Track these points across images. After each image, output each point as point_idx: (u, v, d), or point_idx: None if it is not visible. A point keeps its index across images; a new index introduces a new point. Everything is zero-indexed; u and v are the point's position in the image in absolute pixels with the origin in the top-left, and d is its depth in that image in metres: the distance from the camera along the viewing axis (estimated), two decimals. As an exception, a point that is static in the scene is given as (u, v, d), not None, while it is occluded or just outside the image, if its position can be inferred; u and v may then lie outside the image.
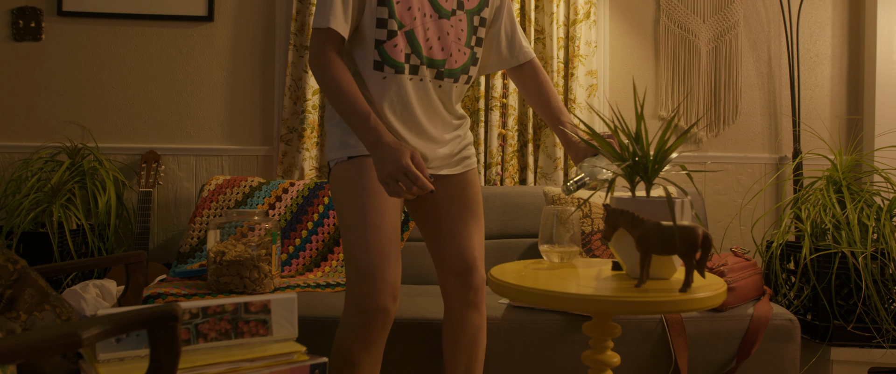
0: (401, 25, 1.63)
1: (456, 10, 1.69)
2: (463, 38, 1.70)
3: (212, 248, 2.25)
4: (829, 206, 2.46)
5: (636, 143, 1.46)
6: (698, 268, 1.36)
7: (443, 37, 1.68)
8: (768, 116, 3.13)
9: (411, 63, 1.65)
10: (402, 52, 1.63)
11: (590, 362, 1.51)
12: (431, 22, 1.66)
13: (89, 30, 2.90)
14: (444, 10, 1.68)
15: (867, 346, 2.34)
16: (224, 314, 1.25)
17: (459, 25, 1.70)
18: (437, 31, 1.67)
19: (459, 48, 1.70)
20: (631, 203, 1.43)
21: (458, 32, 1.70)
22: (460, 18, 1.70)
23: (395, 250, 1.63)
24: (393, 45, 1.63)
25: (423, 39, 1.66)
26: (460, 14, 1.70)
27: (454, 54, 1.69)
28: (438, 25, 1.67)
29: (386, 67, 1.63)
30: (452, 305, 1.77)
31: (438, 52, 1.67)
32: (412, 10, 1.64)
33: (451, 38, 1.69)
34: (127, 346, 1.17)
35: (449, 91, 1.72)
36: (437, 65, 1.67)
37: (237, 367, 1.20)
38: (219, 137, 2.96)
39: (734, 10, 3.08)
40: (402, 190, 1.50)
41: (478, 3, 1.73)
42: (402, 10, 1.63)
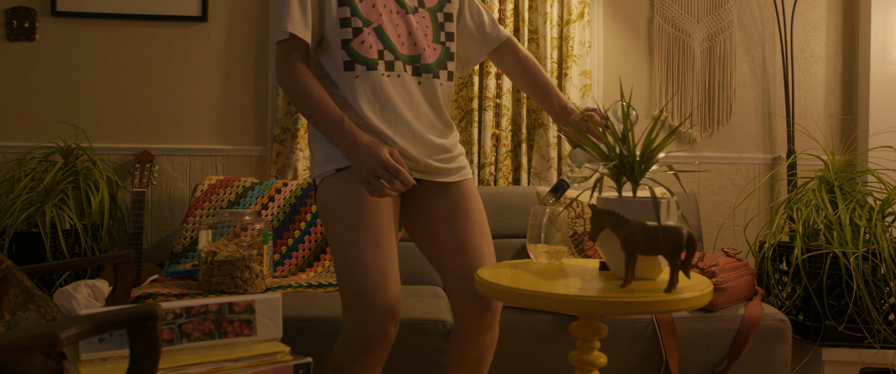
0: (367, 22, 1.60)
1: (418, 7, 1.68)
2: (430, 35, 1.68)
3: (203, 248, 2.25)
4: (821, 206, 2.46)
5: (622, 142, 1.46)
6: (683, 268, 1.36)
7: (413, 32, 1.66)
8: (762, 117, 3.13)
9: (385, 59, 1.62)
10: (373, 48, 1.60)
11: (576, 362, 1.51)
12: (399, 18, 1.65)
13: (83, 30, 2.90)
14: (407, 6, 1.67)
15: (858, 346, 2.34)
16: (208, 314, 1.25)
17: (424, 22, 1.69)
18: (406, 26, 1.65)
19: (429, 43, 1.68)
20: (616, 203, 1.43)
21: (424, 28, 1.68)
22: (423, 15, 1.69)
23: (394, 268, 1.55)
24: (361, 42, 1.60)
25: (395, 35, 1.63)
26: (422, 11, 1.69)
27: (426, 50, 1.67)
28: (406, 21, 1.65)
29: (357, 66, 1.60)
30: (464, 324, 1.68)
31: (411, 47, 1.65)
32: (377, 6, 1.62)
33: (420, 33, 1.67)
34: (109, 346, 1.17)
35: (432, 90, 1.67)
36: (413, 61, 1.65)
37: (220, 367, 1.20)
38: (213, 138, 2.96)
39: (728, 10, 3.08)
40: (384, 187, 1.45)
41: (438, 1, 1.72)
42: (366, 8, 1.61)
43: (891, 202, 2.39)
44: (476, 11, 1.79)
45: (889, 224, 2.40)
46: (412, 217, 1.75)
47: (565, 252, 1.64)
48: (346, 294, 1.53)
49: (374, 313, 1.49)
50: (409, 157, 1.63)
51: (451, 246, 1.68)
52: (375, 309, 1.49)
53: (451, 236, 1.68)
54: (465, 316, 1.67)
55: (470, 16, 1.77)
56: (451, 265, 1.68)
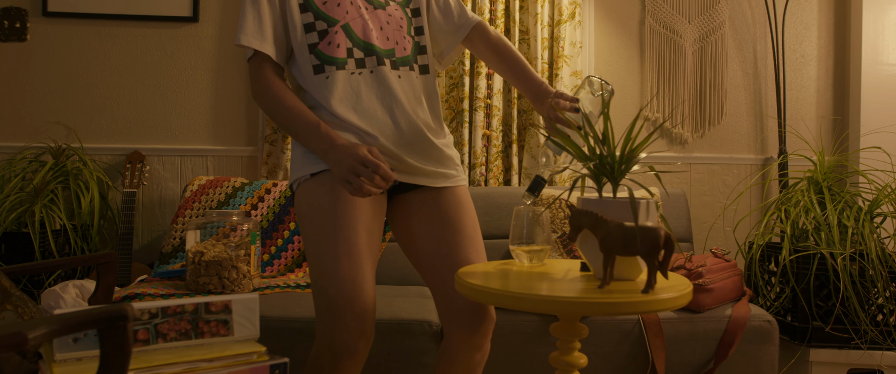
0: (332, 21, 1.57)
1: (389, 1, 1.66)
2: (404, 26, 1.65)
3: (191, 248, 2.26)
4: (809, 207, 2.46)
5: (603, 143, 1.46)
6: (661, 269, 1.36)
7: (384, 27, 1.62)
8: (754, 117, 3.12)
9: (355, 57, 1.58)
10: (342, 47, 1.57)
11: (557, 363, 1.51)
12: (368, 13, 1.61)
13: (74, 30, 2.91)
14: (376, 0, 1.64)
15: (846, 347, 2.33)
16: (184, 314, 1.25)
17: (397, 14, 1.66)
18: (376, 20, 1.61)
19: (404, 35, 1.65)
20: (595, 204, 1.43)
21: (397, 21, 1.65)
22: (395, 9, 1.66)
23: (368, 279, 1.49)
24: (328, 43, 1.57)
25: (362, 31, 1.59)
26: (394, 5, 1.66)
27: (400, 42, 1.64)
28: (375, 15, 1.62)
29: (326, 67, 1.57)
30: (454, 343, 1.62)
31: (383, 41, 1.62)
32: (343, 4, 1.59)
33: (392, 27, 1.63)
34: (83, 346, 1.18)
35: (413, 84, 1.63)
36: (387, 54, 1.61)
37: (195, 367, 1.20)
38: (203, 138, 2.96)
39: (720, 10, 3.08)
40: (364, 183, 1.41)
41: None
42: (331, 7, 1.58)
43: (879, 203, 2.39)
44: (442, 2, 1.75)
45: (877, 225, 2.40)
46: (400, 225, 1.69)
47: (547, 252, 1.64)
48: (318, 306, 1.50)
49: (343, 327, 1.44)
50: (392, 155, 1.58)
51: (441, 261, 1.62)
52: (345, 323, 1.44)
53: (441, 250, 1.62)
54: (455, 336, 1.62)
55: (437, 8, 1.74)
56: (441, 281, 1.62)
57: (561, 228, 2.51)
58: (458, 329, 1.60)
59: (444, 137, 1.71)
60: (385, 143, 1.57)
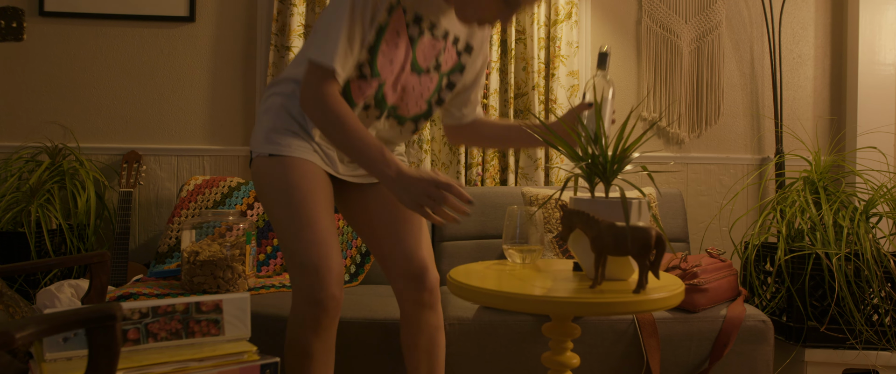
0: (376, 74, 1.60)
1: (431, 69, 1.69)
2: (426, 95, 1.71)
3: (186, 248, 2.26)
4: (805, 207, 2.46)
5: (595, 143, 1.46)
6: (652, 269, 1.36)
7: (408, 90, 1.68)
8: (751, 117, 3.12)
9: (366, 105, 1.65)
10: (363, 96, 1.62)
11: (549, 363, 1.51)
12: (405, 76, 1.66)
13: (71, 30, 2.91)
14: (420, 67, 1.68)
15: (841, 347, 2.33)
16: (175, 313, 1.25)
17: (428, 84, 1.70)
18: (405, 83, 1.66)
19: (418, 102, 1.71)
20: (586, 204, 1.43)
21: (423, 89, 1.70)
22: (432, 78, 1.71)
23: (335, 242, 1.58)
24: (358, 88, 1.61)
25: (390, 92, 1.65)
26: (434, 74, 1.70)
27: (410, 105, 1.70)
28: (411, 79, 1.67)
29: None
30: (407, 308, 1.73)
31: (398, 100, 1.68)
32: (394, 63, 1.62)
33: (415, 93, 1.69)
34: (74, 345, 1.18)
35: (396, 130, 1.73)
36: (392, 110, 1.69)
37: (185, 367, 1.20)
38: (200, 138, 2.96)
39: (716, 10, 3.07)
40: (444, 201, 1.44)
41: (452, 66, 1.73)
42: (384, 63, 1.60)
43: (874, 203, 2.39)
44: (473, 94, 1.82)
45: (873, 225, 2.40)
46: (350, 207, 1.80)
47: (541, 252, 1.65)
48: (292, 268, 1.55)
49: (320, 278, 1.50)
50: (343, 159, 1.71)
51: (386, 236, 1.72)
52: (320, 274, 1.51)
53: (386, 228, 1.72)
54: (405, 299, 1.71)
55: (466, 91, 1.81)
56: (387, 253, 1.72)
57: (555, 228, 2.51)
58: (407, 290, 1.69)
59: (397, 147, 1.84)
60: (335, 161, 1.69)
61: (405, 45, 1.62)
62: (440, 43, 1.68)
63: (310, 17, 2.86)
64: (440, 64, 1.69)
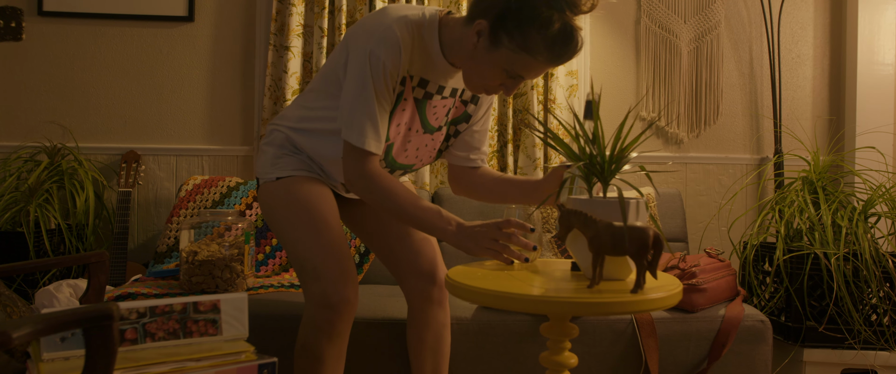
0: (386, 138, 1.63)
1: (441, 126, 1.74)
2: (434, 151, 1.77)
3: (184, 248, 2.25)
4: (803, 207, 2.46)
5: (593, 143, 1.46)
6: (650, 269, 1.36)
7: (420, 148, 1.73)
8: (750, 117, 3.12)
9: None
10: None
11: (547, 363, 1.51)
12: (414, 135, 1.70)
13: (70, 30, 2.91)
14: (430, 126, 1.71)
15: (839, 347, 2.33)
16: (172, 313, 1.25)
17: (439, 139, 1.75)
18: (417, 143, 1.71)
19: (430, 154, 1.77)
20: (584, 204, 1.43)
21: (435, 145, 1.75)
22: (440, 134, 1.75)
23: (346, 248, 1.62)
24: None
25: (401, 152, 1.70)
26: (443, 130, 1.75)
27: (424, 159, 1.77)
28: (420, 139, 1.71)
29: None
30: (416, 304, 1.77)
31: (411, 157, 1.74)
32: (401, 125, 1.65)
33: (427, 149, 1.75)
34: (71, 345, 1.18)
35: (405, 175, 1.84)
36: (406, 168, 1.76)
37: (182, 367, 1.20)
38: (199, 137, 2.96)
39: (715, 10, 3.07)
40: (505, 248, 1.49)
41: (457, 116, 1.77)
42: (392, 127, 1.64)
43: (873, 203, 2.39)
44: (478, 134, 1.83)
45: (871, 225, 2.40)
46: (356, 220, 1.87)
47: (540, 252, 1.65)
48: (305, 274, 1.59)
49: (333, 282, 1.55)
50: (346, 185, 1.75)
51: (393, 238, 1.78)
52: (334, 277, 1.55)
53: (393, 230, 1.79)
54: (415, 296, 1.76)
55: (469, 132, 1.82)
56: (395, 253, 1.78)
57: (554, 228, 2.51)
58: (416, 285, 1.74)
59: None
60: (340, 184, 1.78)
61: (411, 108, 1.65)
62: (449, 100, 1.71)
63: (309, 16, 2.86)
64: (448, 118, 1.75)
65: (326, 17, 2.83)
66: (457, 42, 1.59)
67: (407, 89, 1.62)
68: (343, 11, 2.81)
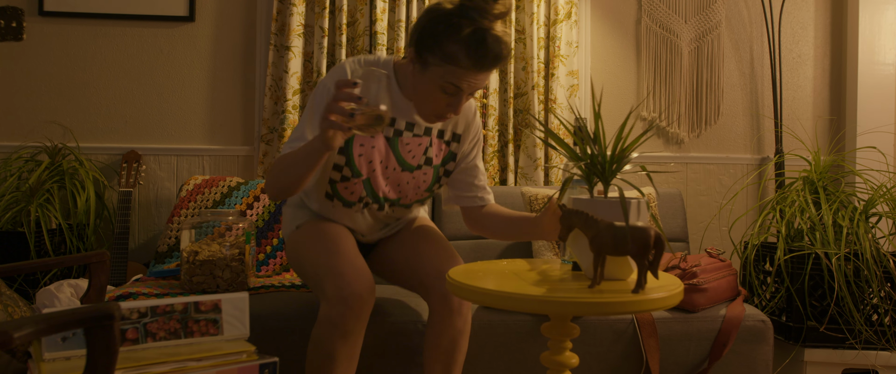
0: (357, 174, 1.76)
1: (422, 165, 1.81)
2: (424, 187, 1.85)
3: (185, 248, 2.25)
4: (804, 207, 2.46)
5: (594, 143, 1.46)
6: (651, 268, 1.36)
7: (403, 185, 1.82)
8: (750, 117, 3.12)
9: (364, 201, 1.82)
10: (355, 194, 1.79)
11: (548, 363, 1.51)
12: (393, 173, 1.79)
13: (70, 30, 2.91)
14: (409, 165, 1.80)
15: (840, 347, 2.33)
16: (173, 313, 1.25)
17: (423, 177, 1.83)
18: (397, 180, 1.81)
19: (418, 192, 1.85)
20: (585, 204, 1.43)
21: (420, 182, 1.83)
22: (426, 172, 1.83)
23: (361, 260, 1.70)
24: (345, 187, 1.78)
25: (382, 186, 1.80)
26: (427, 168, 1.82)
27: (410, 195, 1.85)
28: (400, 177, 1.80)
29: (335, 200, 1.81)
30: (437, 308, 1.78)
31: (394, 194, 1.83)
32: (373, 162, 1.75)
33: (411, 186, 1.83)
34: (72, 345, 1.18)
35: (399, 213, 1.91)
36: (393, 202, 1.85)
37: (183, 366, 1.20)
38: (200, 137, 2.96)
39: (716, 10, 3.07)
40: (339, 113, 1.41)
41: (444, 157, 1.84)
42: (362, 162, 1.74)
43: (874, 203, 2.39)
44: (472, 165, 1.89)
45: (872, 225, 2.40)
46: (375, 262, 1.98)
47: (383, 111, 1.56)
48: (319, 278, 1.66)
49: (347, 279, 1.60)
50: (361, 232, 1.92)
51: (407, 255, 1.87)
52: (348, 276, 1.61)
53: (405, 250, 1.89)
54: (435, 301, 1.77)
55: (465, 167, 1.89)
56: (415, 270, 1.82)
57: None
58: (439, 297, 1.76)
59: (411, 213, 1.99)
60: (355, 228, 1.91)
61: (382, 145, 1.75)
62: (424, 139, 1.79)
63: (309, 16, 2.86)
64: (431, 158, 1.81)
65: (327, 17, 2.83)
66: (407, 79, 1.71)
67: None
68: (344, 11, 2.81)
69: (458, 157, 1.85)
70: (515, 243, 2.64)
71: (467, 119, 1.84)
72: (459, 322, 1.79)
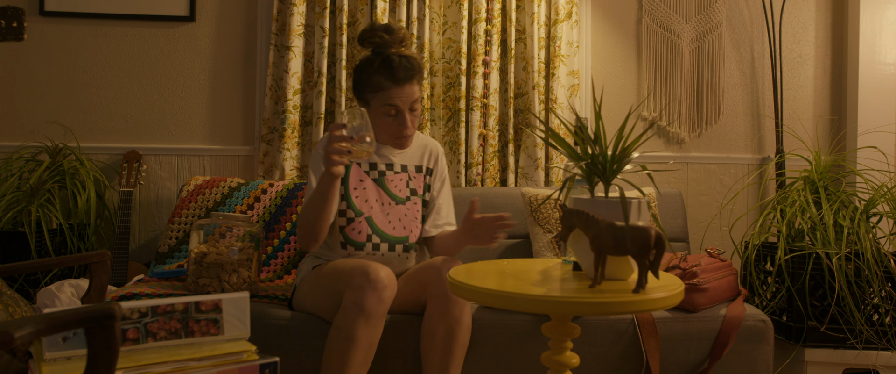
0: (359, 213, 2.03)
1: (410, 196, 2.10)
2: (419, 217, 2.11)
3: (194, 248, 2.24)
4: (805, 207, 2.46)
5: (594, 143, 1.46)
6: (652, 268, 1.36)
7: (402, 218, 2.07)
8: (751, 117, 3.12)
9: (373, 241, 2.03)
10: (362, 234, 2.02)
11: (549, 362, 1.51)
12: (390, 208, 2.07)
13: (71, 30, 2.91)
14: (398, 197, 2.09)
15: (841, 347, 2.33)
16: (174, 313, 1.25)
17: (415, 208, 2.10)
18: (397, 214, 2.07)
19: (417, 225, 2.09)
20: (586, 204, 1.43)
21: (415, 213, 2.10)
22: (415, 202, 2.10)
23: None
24: (352, 229, 2.03)
25: (385, 223, 2.04)
26: (415, 199, 2.11)
27: (414, 231, 2.08)
28: (394, 211, 2.07)
29: (349, 247, 2.03)
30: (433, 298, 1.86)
31: (401, 230, 2.07)
32: (369, 201, 2.05)
33: (409, 218, 2.08)
34: (73, 345, 1.18)
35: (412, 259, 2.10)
36: (402, 241, 2.06)
37: (184, 366, 1.20)
38: (200, 137, 2.96)
39: (717, 10, 3.07)
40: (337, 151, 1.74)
41: (423, 187, 2.14)
42: (360, 202, 2.04)
43: (875, 203, 2.39)
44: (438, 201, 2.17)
45: (873, 225, 2.40)
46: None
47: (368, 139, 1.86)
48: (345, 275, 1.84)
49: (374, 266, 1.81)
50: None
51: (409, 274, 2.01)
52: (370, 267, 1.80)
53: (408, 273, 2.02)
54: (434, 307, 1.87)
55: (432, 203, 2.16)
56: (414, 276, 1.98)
57: (555, 228, 2.51)
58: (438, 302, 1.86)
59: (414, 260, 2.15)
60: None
61: (372, 186, 2.07)
62: (404, 174, 2.11)
63: (310, 16, 2.86)
64: (415, 189, 2.12)
65: (328, 17, 2.83)
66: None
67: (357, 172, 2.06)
68: (344, 11, 2.81)
69: (432, 187, 2.15)
70: (515, 245, 2.65)
71: (435, 154, 2.18)
72: (455, 310, 1.86)
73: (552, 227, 2.52)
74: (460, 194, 2.70)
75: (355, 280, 1.78)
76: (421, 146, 2.17)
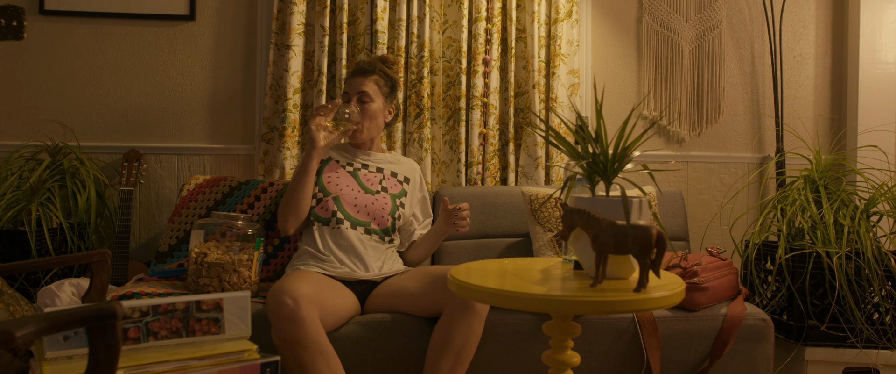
0: (327, 193, 2.24)
1: (380, 190, 2.28)
2: (386, 211, 2.25)
3: (194, 248, 2.24)
4: (805, 206, 2.46)
5: (595, 141, 1.46)
6: (653, 267, 1.36)
7: (368, 206, 2.24)
8: (751, 116, 3.12)
9: (336, 217, 2.20)
10: (328, 210, 2.22)
11: (550, 361, 1.51)
12: (359, 194, 2.25)
13: (71, 28, 2.91)
14: (368, 189, 2.28)
15: (842, 346, 2.33)
16: (175, 312, 1.25)
17: (384, 201, 2.26)
18: (364, 201, 2.24)
19: (384, 216, 2.24)
20: (587, 202, 1.43)
21: (383, 204, 2.25)
22: (385, 197, 2.27)
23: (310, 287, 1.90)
24: (321, 208, 2.23)
25: (351, 206, 2.22)
26: (385, 194, 2.28)
27: (378, 219, 2.23)
28: (364, 197, 2.25)
29: (317, 223, 2.23)
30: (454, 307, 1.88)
31: (365, 215, 2.23)
32: (339, 185, 2.26)
33: (376, 207, 2.24)
34: (74, 344, 1.18)
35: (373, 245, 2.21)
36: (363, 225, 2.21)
37: (185, 365, 1.20)
38: (200, 136, 2.96)
39: (717, 8, 3.07)
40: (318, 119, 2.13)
41: (399, 191, 2.32)
42: (331, 187, 2.26)
43: (875, 202, 2.39)
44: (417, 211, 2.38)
45: (873, 224, 2.40)
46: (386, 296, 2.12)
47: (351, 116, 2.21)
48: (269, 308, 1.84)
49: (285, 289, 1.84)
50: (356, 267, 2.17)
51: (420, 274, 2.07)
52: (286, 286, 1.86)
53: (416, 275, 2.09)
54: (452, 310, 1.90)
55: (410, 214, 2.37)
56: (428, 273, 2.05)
57: (556, 227, 2.51)
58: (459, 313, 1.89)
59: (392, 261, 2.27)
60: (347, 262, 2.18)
61: (346, 175, 2.29)
62: (378, 175, 2.32)
63: (310, 15, 2.86)
64: (386, 187, 2.30)
65: (328, 16, 2.82)
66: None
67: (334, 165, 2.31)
68: (344, 10, 2.80)
69: (409, 196, 2.34)
70: (516, 244, 2.64)
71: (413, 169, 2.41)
72: (475, 323, 1.88)
73: (553, 226, 2.52)
74: (461, 192, 2.70)
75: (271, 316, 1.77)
76: (403, 161, 2.43)
